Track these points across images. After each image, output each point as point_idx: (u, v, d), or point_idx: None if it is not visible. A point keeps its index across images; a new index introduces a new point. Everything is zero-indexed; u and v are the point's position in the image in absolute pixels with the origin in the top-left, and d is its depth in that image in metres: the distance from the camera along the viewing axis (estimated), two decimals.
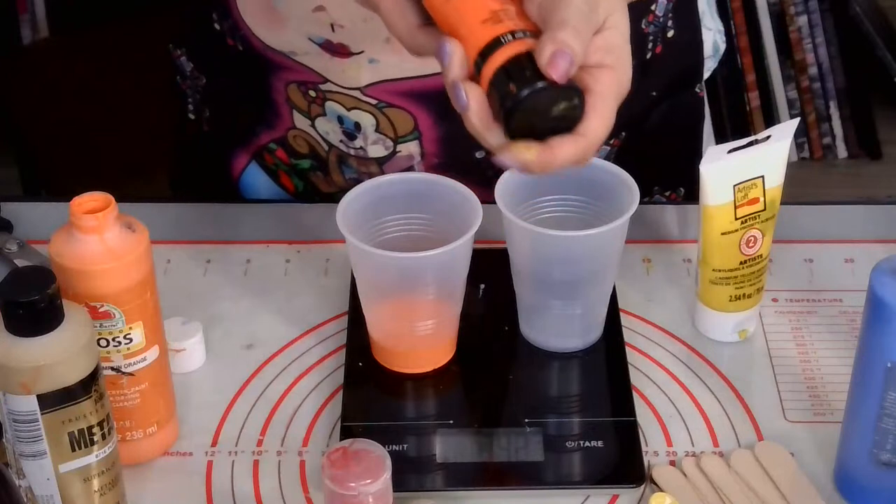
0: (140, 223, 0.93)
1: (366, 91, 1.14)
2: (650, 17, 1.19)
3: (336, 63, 1.13)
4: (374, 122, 1.17)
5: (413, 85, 1.14)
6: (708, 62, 1.27)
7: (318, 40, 1.11)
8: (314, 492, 0.96)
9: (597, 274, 1.03)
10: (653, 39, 1.20)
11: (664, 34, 1.21)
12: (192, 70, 1.26)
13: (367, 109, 1.16)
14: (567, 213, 1.05)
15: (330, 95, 1.16)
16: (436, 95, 1.14)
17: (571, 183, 1.05)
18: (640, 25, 1.19)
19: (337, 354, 1.07)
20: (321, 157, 1.22)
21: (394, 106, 1.15)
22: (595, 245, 1.01)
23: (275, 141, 1.24)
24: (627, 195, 1.01)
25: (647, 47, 1.21)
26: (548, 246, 1.00)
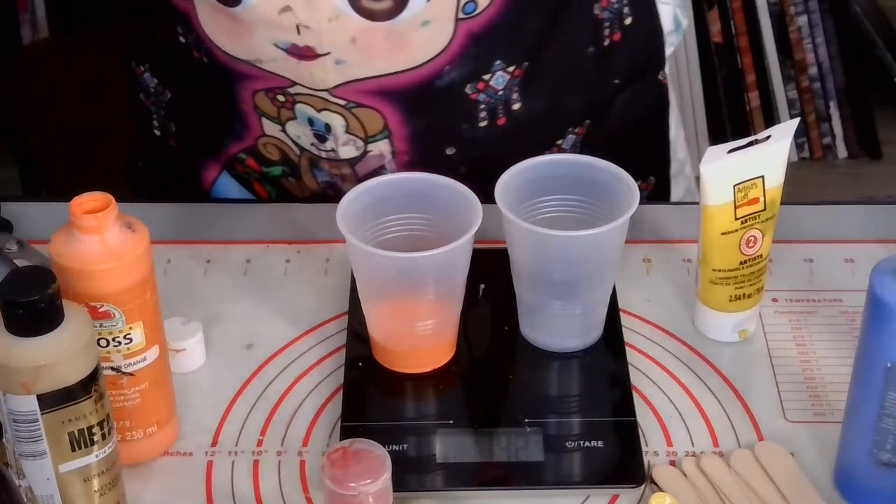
0: (140, 223, 0.93)
1: (334, 92, 1.14)
2: (603, 2, 1.19)
3: (303, 66, 1.13)
4: (344, 122, 1.17)
5: (380, 83, 1.14)
6: (670, 37, 1.27)
7: (284, 45, 1.11)
8: (314, 492, 0.96)
9: (597, 274, 1.03)
10: (609, 26, 1.20)
11: (621, 20, 1.21)
12: (156, 85, 1.26)
13: (337, 110, 1.16)
14: (567, 213, 1.05)
15: (299, 98, 1.16)
16: (403, 93, 1.15)
17: (571, 183, 1.05)
18: (593, 11, 1.19)
19: (337, 354, 1.07)
20: (293, 161, 1.22)
21: (363, 105, 1.15)
22: (595, 245, 1.01)
23: (244, 151, 1.24)
24: (627, 195, 1.01)
25: (603, 34, 1.20)
26: (548, 246, 1.00)
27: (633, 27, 1.22)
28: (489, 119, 1.18)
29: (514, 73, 1.17)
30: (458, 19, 1.12)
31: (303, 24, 1.10)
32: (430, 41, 1.13)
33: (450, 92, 1.16)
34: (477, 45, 1.14)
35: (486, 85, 1.16)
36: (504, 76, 1.17)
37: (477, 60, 1.15)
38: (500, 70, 1.16)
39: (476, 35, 1.13)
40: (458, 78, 1.15)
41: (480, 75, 1.16)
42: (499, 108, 1.18)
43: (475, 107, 1.18)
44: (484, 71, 1.16)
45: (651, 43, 1.25)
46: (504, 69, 1.16)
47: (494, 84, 1.17)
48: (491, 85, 1.16)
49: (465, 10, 1.11)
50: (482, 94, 1.17)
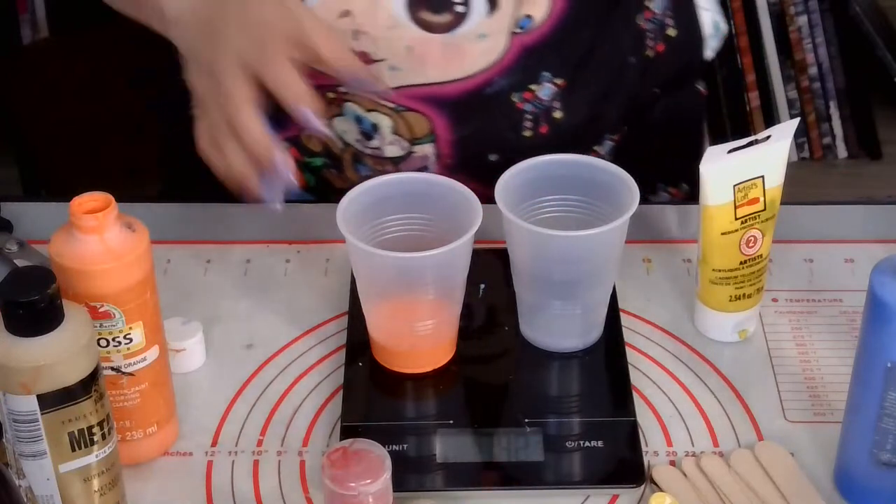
0: (140, 223, 0.93)
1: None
2: (646, 13, 1.20)
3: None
4: (392, 124, 1.18)
5: (430, 90, 1.15)
6: (710, 42, 1.28)
7: None
8: (314, 492, 0.96)
9: (597, 274, 1.03)
10: (652, 37, 1.21)
11: (664, 32, 1.22)
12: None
13: (385, 112, 1.17)
14: (567, 213, 1.05)
15: (349, 97, 1.17)
16: (452, 100, 1.16)
17: (571, 183, 1.05)
18: (637, 22, 1.20)
19: (337, 354, 1.07)
20: (335, 155, 1.23)
21: (411, 110, 1.17)
22: (595, 245, 1.01)
23: (288, 139, 1.24)
24: (627, 195, 1.01)
25: (646, 45, 1.21)
26: (548, 246, 1.00)
27: (677, 39, 1.23)
28: (533, 127, 1.19)
29: (560, 84, 1.18)
30: (513, 33, 1.14)
31: (361, 30, 1.11)
32: (484, 53, 1.15)
33: (497, 100, 1.17)
34: (528, 56, 1.16)
35: (534, 95, 1.18)
36: (551, 87, 1.18)
37: (526, 71, 1.17)
38: (548, 81, 1.18)
39: (528, 48, 1.15)
40: (507, 87, 1.17)
41: (528, 85, 1.17)
42: (542, 117, 1.19)
43: (521, 115, 1.19)
44: (532, 81, 1.17)
45: (692, 53, 1.27)
46: (551, 80, 1.18)
47: (541, 94, 1.18)
48: (538, 95, 1.18)
49: (521, 24, 1.14)
50: (528, 103, 1.18)
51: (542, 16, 1.15)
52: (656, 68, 1.23)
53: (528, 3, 1.14)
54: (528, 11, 1.14)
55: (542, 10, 1.15)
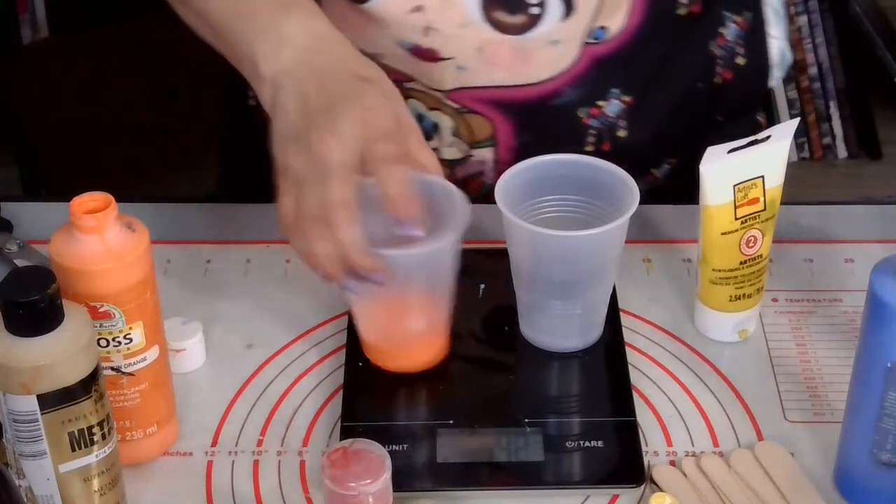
0: (140, 223, 0.93)
1: (449, 95, 1.15)
2: (719, 40, 1.19)
3: (423, 66, 1.13)
4: (453, 125, 1.17)
5: (497, 94, 1.15)
6: (775, 71, 1.26)
7: (407, 45, 1.12)
8: (314, 492, 0.96)
9: (597, 274, 1.03)
10: (722, 64, 1.20)
11: (733, 60, 1.21)
12: None
13: (448, 112, 1.16)
14: (567, 213, 1.05)
15: (413, 94, 1.16)
16: (518, 106, 1.15)
17: (571, 183, 1.05)
18: (709, 48, 1.19)
19: (337, 354, 1.07)
20: None
21: (475, 112, 1.16)
22: (595, 245, 1.01)
23: None
24: (627, 195, 1.01)
25: (715, 71, 1.20)
26: (548, 246, 1.00)
27: (745, 68, 1.22)
28: (595, 144, 1.19)
29: (628, 102, 1.17)
30: (586, 43, 1.13)
31: (431, 27, 1.10)
32: (554, 60, 1.14)
33: (563, 112, 1.16)
34: (598, 69, 1.15)
35: (600, 111, 1.17)
36: (618, 105, 1.17)
37: (595, 85, 1.16)
38: (616, 98, 1.17)
39: (600, 60, 1.14)
40: (574, 100, 1.16)
41: (595, 100, 1.17)
42: (605, 135, 1.19)
43: (584, 130, 1.18)
44: (600, 97, 1.17)
45: (758, 83, 1.26)
46: (619, 97, 1.17)
47: (607, 111, 1.17)
48: (604, 111, 1.17)
49: (595, 35, 1.13)
50: (594, 119, 1.18)
51: (617, 28, 1.13)
52: (722, 96, 1.21)
53: (604, 14, 1.12)
54: (604, 23, 1.13)
55: (618, 22, 1.13)
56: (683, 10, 1.15)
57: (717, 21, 1.19)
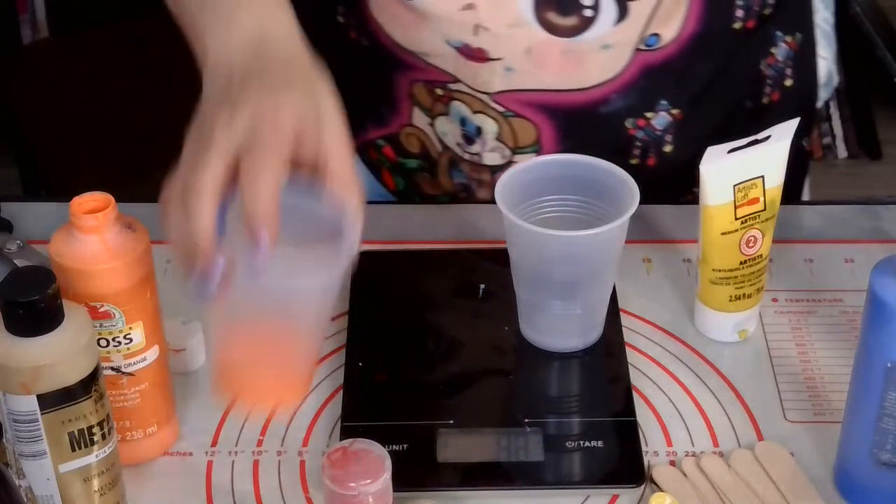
0: (140, 223, 0.93)
1: (495, 97, 1.13)
2: (770, 59, 1.18)
3: (470, 66, 1.12)
4: (497, 129, 1.16)
5: (544, 98, 1.13)
6: (822, 92, 1.25)
7: (456, 44, 1.10)
8: (314, 492, 0.96)
9: (597, 274, 1.03)
10: (771, 84, 1.19)
11: (782, 81, 1.20)
12: None
13: (493, 115, 1.15)
14: (567, 213, 1.05)
15: (458, 95, 1.15)
16: (565, 112, 1.14)
17: (571, 183, 1.05)
18: (759, 67, 1.18)
19: (337, 354, 1.07)
20: (432, 158, 1.21)
21: (520, 116, 1.14)
22: (595, 245, 1.01)
23: (384, 138, 1.22)
24: (627, 195, 1.01)
25: (763, 91, 1.19)
26: (548, 246, 1.00)
27: (793, 89, 1.21)
28: (641, 157, 1.18)
29: (676, 115, 1.16)
30: (638, 49, 1.11)
31: (482, 26, 1.09)
32: (604, 66, 1.12)
33: (610, 121, 1.15)
34: (648, 79, 1.13)
35: (647, 123, 1.16)
36: (666, 117, 1.16)
37: (644, 95, 1.14)
38: (664, 111, 1.16)
39: (650, 69, 1.13)
40: (622, 109, 1.14)
41: (643, 111, 1.15)
42: (651, 148, 1.18)
43: (631, 142, 1.17)
44: (648, 108, 1.15)
45: (804, 105, 1.24)
46: (668, 110, 1.16)
47: (655, 123, 1.16)
48: (652, 123, 1.16)
49: (648, 42, 1.11)
50: (641, 131, 1.16)
51: (670, 37, 1.11)
52: (769, 118, 1.19)
53: (659, 21, 1.10)
54: (658, 30, 1.11)
55: (672, 30, 1.11)
56: (738, 23, 1.13)
57: (769, 41, 1.17)
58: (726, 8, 1.12)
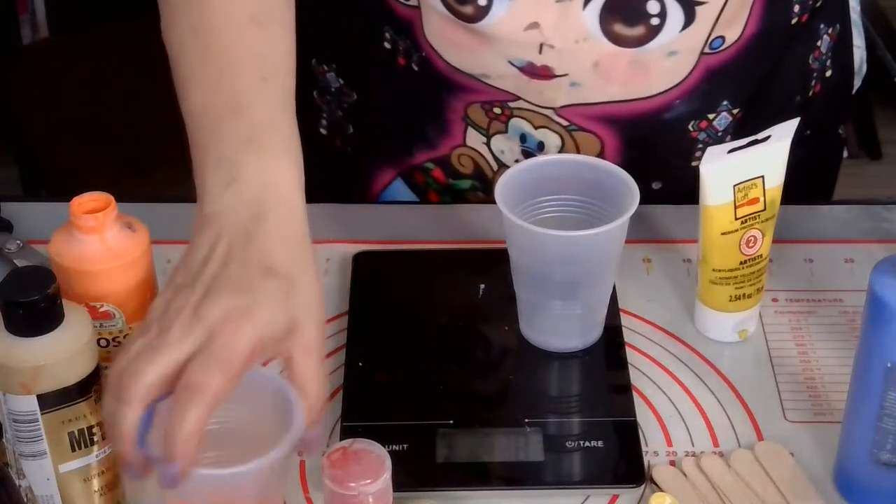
0: (140, 223, 0.93)
1: (559, 112, 1.12)
2: (816, 52, 1.18)
3: (534, 84, 1.10)
4: (560, 143, 1.15)
5: (608, 109, 1.12)
6: (855, 80, 1.25)
7: (520, 63, 1.09)
8: (314, 492, 0.96)
9: (597, 274, 1.03)
10: (816, 77, 1.19)
11: (823, 73, 1.19)
12: (340, 86, 1.22)
13: (556, 130, 1.14)
14: (567, 213, 1.05)
15: (519, 112, 1.14)
16: (628, 121, 1.13)
17: (571, 183, 1.04)
18: (808, 61, 1.17)
19: (337, 354, 1.07)
20: (486, 177, 1.20)
21: (584, 129, 1.14)
22: (595, 245, 1.01)
23: (433, 160, 1.21)
24: (627, 195, 1.01)
25: (810, 84, 1.19)
26: (548, 246, 1.00)
27: (832, 80, 1.20)
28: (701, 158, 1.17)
29: (737, 115, 1.16)
30: (703, 53, 1.10)
31: (547, 44, 1.07)
32: (670, 72, 1.11)
33: (673, 126, 1.14)
34: (710, 81, 1.12)
35: (709, 124, 1.15)
36: (727, 118, 1.15)
37: (706, 97, 1.14)
38: (725, 111, 1.15)
39: (712, 71, 1.12)
40: (685, 113, 1.14)
41: (706, 114, 1.15)
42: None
43: (693, 144, 1.16)
44: (710, 110, 1.15)
45: (844, 94, 1.24)
46: (729, 110, 1.15)
47: (717, 124, 1.16)
48: (713, 124, 1.15)
49: (713, 45, 1.10)
50: (703, 132, 1.16)
51: (734, 37, 1.10)
52: (812, 110, 1.18)
53: (724, 24, 1.09)
54: (723, 32, 1.09)
55: (736, 31, 1.10)
56: (795, 18, 1.13)
57: (815, 34, 1.17)
58: (785, 4, 1.12)
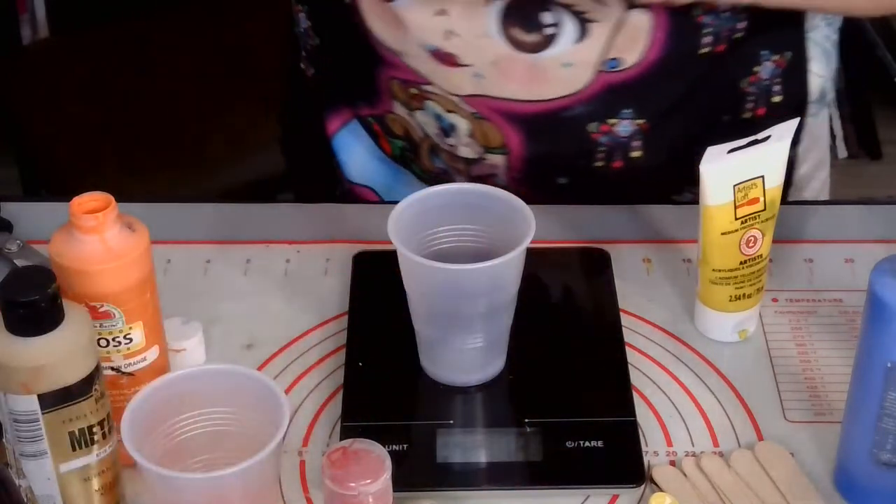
0: (140, 223, 0.93)
1: (466, 99, 1.15)
2: (752, 77, 1.18)
3: (442, 69, 1.13)
4: (469, 128, 1.18)
5: (509, 105, 1.14)
6: (811, 107, 1.25)
7: (430, 47, 1.12)
8: (314, 492, 0.96)
9: (496, 306, 1.00)
10: (754, 100, 1.19)
11: (768, 97, 1.20)
12: (307, 28, 1.26)
13: (464, 115, 1.17)
14: (464, 244, 1.02)
15: (431, 96, 1.17)
16: (528, 118, 1.15)
17: (466, 212, 1.02)
18: (739, 86, 1.18)
19: (337, 354, 1.07)
20: (415, 142, 1.23)
21: (488, 120, 1.16)
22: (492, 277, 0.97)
23: (373, 117, 1.25)
24: (522, 224, 0.98)
25: (745, 107, 1.19)
26: (441, 279, 0.97)
27: (781, 104, 1.20)
28: (605, 160, 1.18)
29: (642, 125, 1.17)
30: (599, 70, 1.12)
31: (453, 32, 1.10)
32: (567, 82, 1.13)
33: (572, 125, 1.16)
34: (611, 93, 1.14)
35: (610, 129, 1.16)
36: (630, 126, 1.16)
37: (607, 105, 1.15)
38: (628, 119, 1.16)
39: (613, 85, 1.14)
40: (584, 115, 1.15)
41: (606, 118, 1.16)
42: (616, 152, 1.18)
43: (594, 146, 1.17)
44: (611, 115, 1.16)
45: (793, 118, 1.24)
46: (632, 119, 1.16)
47: (618, 130, 1.16)
48: (615, 130, 1.16)
49: (608, 65, 1.12)
50: (604, 136, 1.17)
51: (633, 61, 1.12)
52: (754, 131, 1.19)
53: (619, 47, 1.11)
54: (619, 55, 1.11)
55: (634, 55, 1.12)
56: (706, 49, 1.13)
57: (751, 60, 1.17)
58: (692, 35, 1.12)
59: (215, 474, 0.85)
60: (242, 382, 0.90)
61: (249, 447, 0.85)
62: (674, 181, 1.22)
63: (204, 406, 0.90)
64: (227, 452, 0.89)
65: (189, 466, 0.90)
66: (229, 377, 0.90)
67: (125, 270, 0.91)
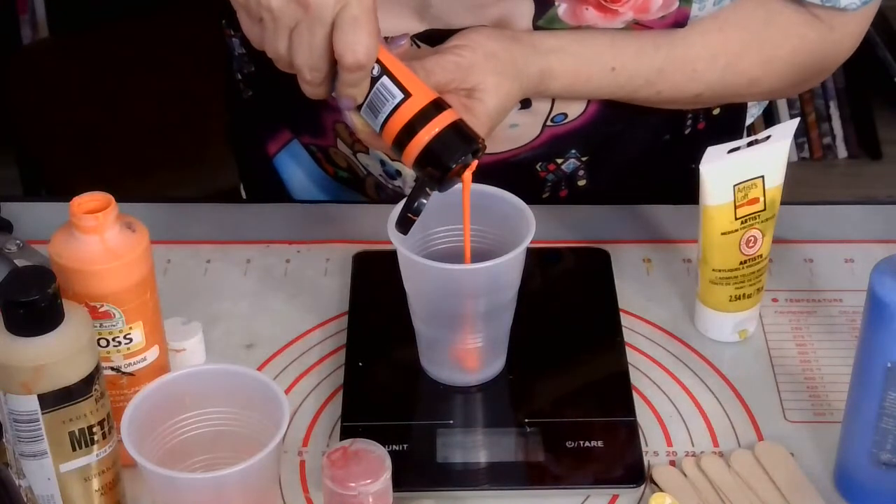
0: (140, 223, 0.93)
1: None
2: None
3: None
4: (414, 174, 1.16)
5: None
6: (752, 110, 1.26)
7: None
8: (314, 492, 0.96)
9: (495, 306, 1.00)
10: (692, 117, 1.20)
11: (708, 111, 1.20)
12: (241, 54, 1.25)
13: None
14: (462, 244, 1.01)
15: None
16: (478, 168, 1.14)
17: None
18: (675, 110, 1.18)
19: (337, 354, 1.07)
20: (359, 177, 1.23)
21: None
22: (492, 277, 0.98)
23: (315, 146, 1.24)
24: (522, 223, 0.98)
25: (685, 124, 1.20)
26: (439, 280, 0.97)
27: (720, 116, 1.21)
28: (551, 192, 1.21)
29: (585, 160, 1.19)
30: (546, 126, 1.14)
31: None
32: (515, 139, 1.15)
33: (520, 167, 1.17)
34: (556, 140, 1.16)
35: (557, 167, 1.19)
36: (575, 163, 1.19)
37: (553, 149, 1.17)
38: (573, 158, 1.18)
39: (558, 135, 1.15)
40: (531, 159, 1.17)
41: (553, 159, 1.18)
42: (562, 183, 1.20)
43: (542, 183, 1.20)
44: (557, 156, 1.18)
45: (734, 128, 1.24)
46: (577, 157, 1.18)
47: (564, 168, 1.19)
48: (561, 168, 1.19)
49: (555, 119, 1.14)
50: (551, 173, 1.19)
51: (577, 113, 1.14)
52: (696, 145, 1.17)
53: (564, 103, 1.13)
54: (564, 110, 1.13)
55: (577, 109, 1.14)
56: None
57: None
58: None
59: (215, 474, 0.85)
60: (242, 382, 0.90)
61: (249, 447, 0.86)
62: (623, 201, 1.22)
63: (204, 406, 0.91)
64: (227, 452, 0.90)
65: (189, 466, 0.91)
66: (229, 377, 0.90)
67: (125, 270, 0.91)
